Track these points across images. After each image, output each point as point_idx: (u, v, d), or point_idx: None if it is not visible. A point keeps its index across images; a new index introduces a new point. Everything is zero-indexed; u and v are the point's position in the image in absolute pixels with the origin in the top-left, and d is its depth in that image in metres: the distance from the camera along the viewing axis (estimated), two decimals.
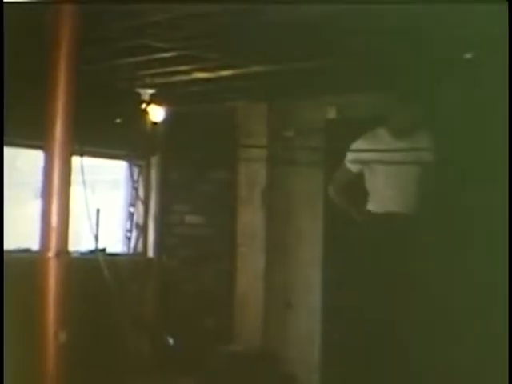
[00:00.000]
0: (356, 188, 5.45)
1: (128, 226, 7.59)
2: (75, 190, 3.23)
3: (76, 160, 4.10)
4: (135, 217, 7.63)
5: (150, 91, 6.75)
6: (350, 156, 5.40)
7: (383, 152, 5.23)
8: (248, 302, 7.03)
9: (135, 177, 7.65)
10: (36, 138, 3.13)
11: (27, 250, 6.52)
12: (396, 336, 5.22)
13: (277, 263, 6.88)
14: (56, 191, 2.88)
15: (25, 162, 7.34)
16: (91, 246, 6.81)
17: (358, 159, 5.35)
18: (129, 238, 7.57)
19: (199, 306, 7.35)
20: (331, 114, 6.52)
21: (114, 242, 7.58)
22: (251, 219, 7.09)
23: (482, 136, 5.21)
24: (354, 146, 5.40)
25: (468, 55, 4.77)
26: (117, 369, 6.42)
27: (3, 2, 3.19)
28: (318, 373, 6.44)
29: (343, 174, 5.46)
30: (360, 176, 5.39)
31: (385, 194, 5.32)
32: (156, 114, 6.98)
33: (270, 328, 6.89)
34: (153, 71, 5.97)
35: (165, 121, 7.14)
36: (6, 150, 4.32)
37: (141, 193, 7.65)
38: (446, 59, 4.95)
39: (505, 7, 3.33)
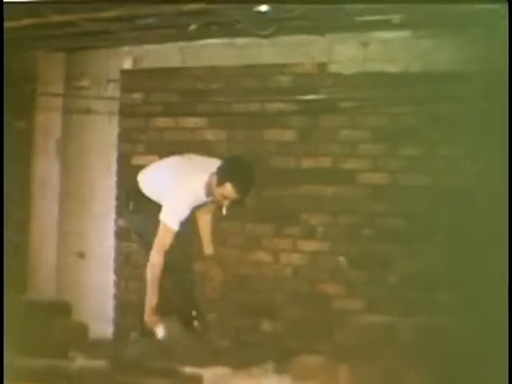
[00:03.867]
0: None
1: None
2: None
3: None
4: None
5: None
6: None
7: None
8: (42, 251, 6.38)
9: None
10: None
11: None
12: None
13: (70, 213, 6.25)
14: None
15: None
16: None
17: None
18: None
19: None
20: (127, 64, 5.92)
21: None
22: (46, 169, 6.40)
23: None
24: None
25: None
26: None
27: (3, 2, 3.31)
28: (112, 323, 5.98)
29: None
30: None
31: None
32: None
33: (63, 277, 6.29)
34: None
35: None
36: None
37: None
38: None
39: (505, 7, 3.20)
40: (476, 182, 4.75)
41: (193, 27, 4.91)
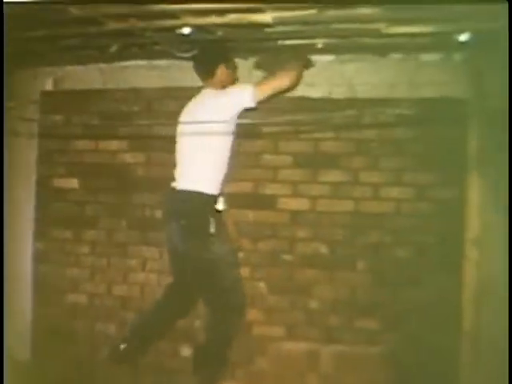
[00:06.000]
0: None
1: None
2: None
3: None
4: None
5: None
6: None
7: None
8: None
9: None
10: None
11: None
12: None
13: None
14: None
15: None
16: None
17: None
18: None
19: None
20: (48, 85, 5.40)
21: None
22: None
23: None
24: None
25: None
26: None
27: (3, 2, 3.10)
28: (29, 345, 5.40)
29: None
30: None
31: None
32: None
33: None
34: None
35: None
36: None
37: None
38: None
39: (505, 7, 2.96)
40: (399, 209, 4.45)
41: (114, 48, 4.55)
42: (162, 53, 4.60)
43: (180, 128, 4.26)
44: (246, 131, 4.59)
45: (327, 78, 4.61)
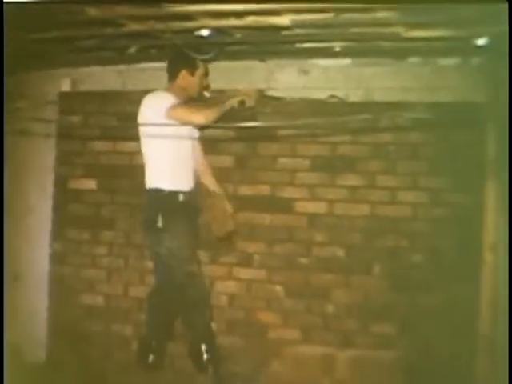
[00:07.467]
0: None
1: None
2: None
3: None
4: None
5: None
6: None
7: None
8: None
9: None
10: None
11: None
12: None
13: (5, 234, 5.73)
14: None
15: None
16: None
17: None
18: None
19: None
20: (66, 86, 5.45)
21: None
22: None
23: None
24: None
25: None
26: None
27: (3, 2, 3.11)
28: (44, 347, 5.43)
29: None
30: None
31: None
32: None
33: None
34: None
35: None
36: None
37: None
38: None
39: (505, 7, 3.04)
40: (415, 213, 4.47)
41: (132, 50, 4.60)
42: None
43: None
44: (263, 134, 4.65)
45: (344, 81, 4.63)
